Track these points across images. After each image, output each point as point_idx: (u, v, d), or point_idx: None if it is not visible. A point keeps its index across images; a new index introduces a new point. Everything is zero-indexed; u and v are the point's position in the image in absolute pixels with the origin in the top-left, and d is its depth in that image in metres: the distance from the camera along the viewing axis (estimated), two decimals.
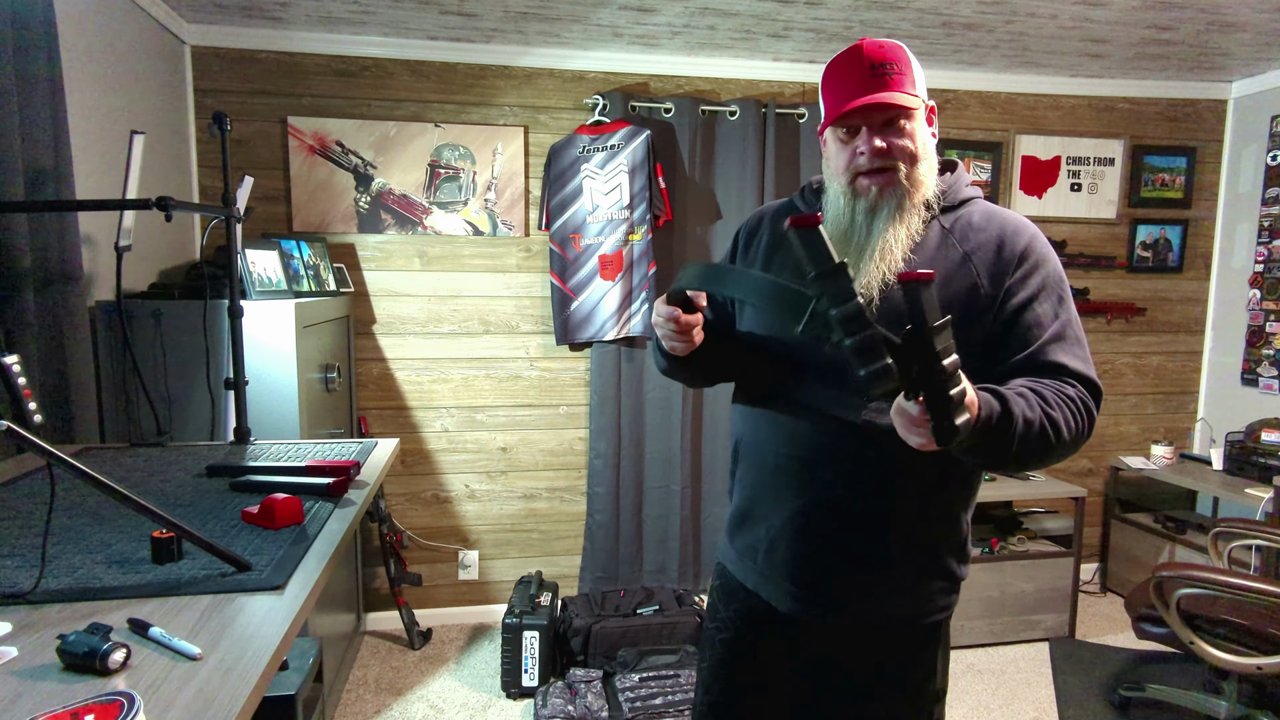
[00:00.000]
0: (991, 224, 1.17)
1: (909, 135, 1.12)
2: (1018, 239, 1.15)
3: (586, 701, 2.46)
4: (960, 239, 1.16)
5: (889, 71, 1.11)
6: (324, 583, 1.03)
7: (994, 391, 0.98)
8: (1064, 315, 1.13)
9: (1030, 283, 1.12)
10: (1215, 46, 2.97)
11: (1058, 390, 1.07)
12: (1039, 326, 1.12)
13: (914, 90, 1.12)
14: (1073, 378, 1.10)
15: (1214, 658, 2.16)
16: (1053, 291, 1.14)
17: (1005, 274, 1.13)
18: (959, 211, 1.19)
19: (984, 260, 1.14)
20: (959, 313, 1.09)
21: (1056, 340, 1.11)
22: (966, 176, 1.24)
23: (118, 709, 0.68)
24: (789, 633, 1.26)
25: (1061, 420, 1.03)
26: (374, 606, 3.17)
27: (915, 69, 1.14)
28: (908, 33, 2.80)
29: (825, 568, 1.21)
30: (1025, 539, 3.19)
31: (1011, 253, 1.14)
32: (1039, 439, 1.00)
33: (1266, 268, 3.39)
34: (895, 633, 1.23)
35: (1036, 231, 1.18)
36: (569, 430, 3.25)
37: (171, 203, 1.57)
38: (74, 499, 1.28)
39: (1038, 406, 1.01)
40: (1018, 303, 1.12)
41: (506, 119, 3.08)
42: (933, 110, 1.16)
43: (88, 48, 2.15)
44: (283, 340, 2.15)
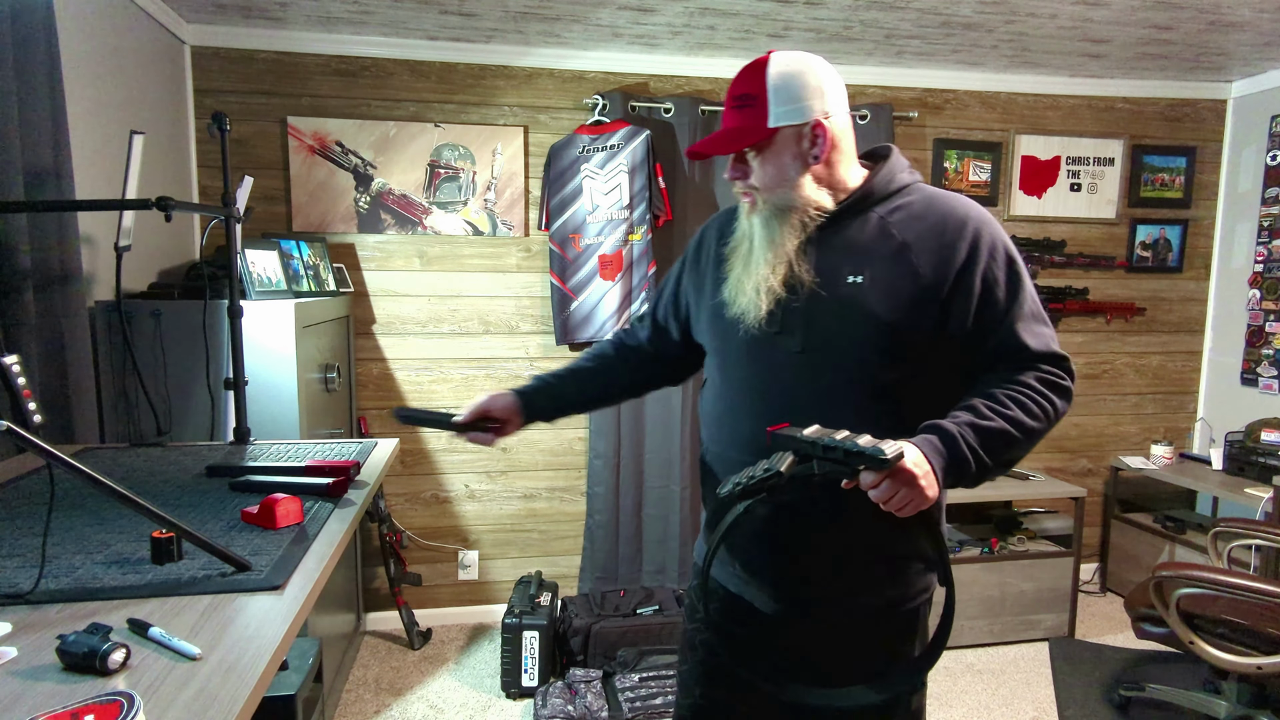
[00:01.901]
0: (932, 210, 1.17)
1: (753, 169, 1.17)
2: (959, 223, 1.15)
3: (586, 701, 2.46)
4: (899, 229, 1.16)
5: (744, 103, 1.15)
6: (324, 583, 1.03)
7: (933, 425, 1.07)
8: (1018, 293, 1.14)
9: (978, 269, 1.13)
10: (1215, 46, 2.97)
11: (1013, 386, 1.11)
12: (994, 311, 1.13)
13: (764, 119, 1.13)
14: (1035, 358, 1.13)
15: (1214, 658, 2.16)
16: (1002, 270, 1.14)
17: (950, 261, 1.13)
18: (897, 200, 1.18)
19: (925, 248, 1.14)
20: (901, 304, 1.12)
21: (1014, 322, 1.13)
22: (902, 163, 1.24)
23: (118, 709, 0.68)
24: (769, 630, 1.27)
25: (1019, 413, 1.09)
26: (374, 606, 3.17)
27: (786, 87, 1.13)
28: (908, 33, 2.81)
29: (799, 566, 1.22)
30: (1025, 539, 3.19)
31: (954, 238, 1.14)
32: (1005, 437, 1.07)
33: (1266, 268, 3.39)
34: (875, 622, 1.24)
35: (979, 212, 1.17)
36: (569, 430, 3.25)
37: (171, 203, 1.57)
38: (74, 499, 1.28)
39: (990, 413, 1.08)
40: (968, 289, 1.12)
41: (506, 119, 3.08)
42: (818, 125, 1.14)
43: (88, 48, 2.15)
44: (282, 340, 2.15)
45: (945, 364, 1.17)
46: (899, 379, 1.15)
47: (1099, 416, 3.68)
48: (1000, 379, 1.13)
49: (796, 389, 1.17)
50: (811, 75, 1.14)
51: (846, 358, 1.14)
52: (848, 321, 1.14)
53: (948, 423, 1.07)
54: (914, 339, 1.13)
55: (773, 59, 1.14)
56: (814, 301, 1.15)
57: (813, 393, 1.15)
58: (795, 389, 1.17)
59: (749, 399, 1.21)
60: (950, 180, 3.41)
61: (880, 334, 1.13)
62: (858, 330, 1.13)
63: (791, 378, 1.17)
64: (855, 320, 1.13)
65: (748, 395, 1.21)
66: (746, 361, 1.21)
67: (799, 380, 1.17)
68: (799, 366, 1.16)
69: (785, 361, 1.17)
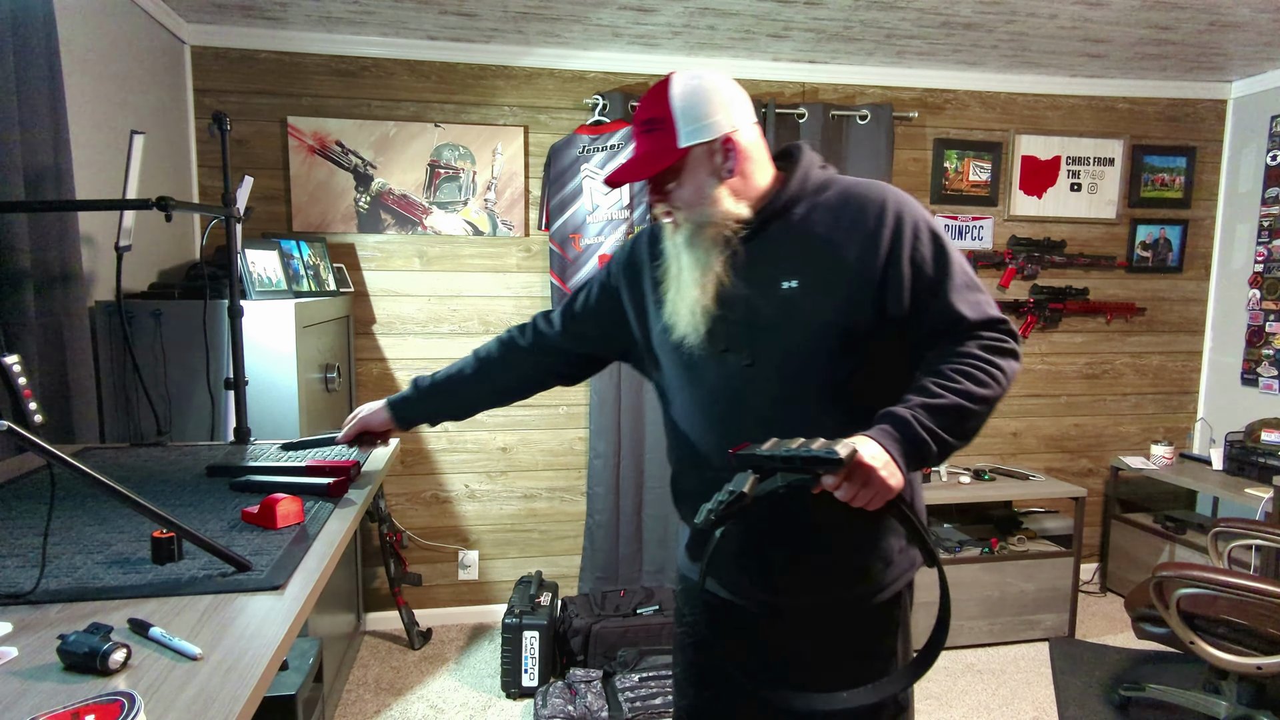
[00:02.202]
0: (850, 202, 1.17)
1: (670, 191, 1.17)
2: (878, 210, 1.15)
3: (586, 701, 2.46)
4: (821, 226, 1.17)
5: (652, 126, 1.16)
6: (324, 583, 1.03)
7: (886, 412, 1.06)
8: (949, 266, 1.14)
9: (905, 248, 1.13)
10: (1215, 46, 2.97)
11: (957, 359, 1.10)
12: (927, 289, 1.13)
13: (673, 141, 1.14)
14: (974, 327, 1.13)
15: (1214, 658, 2.16)
16: (928, 247, 1.14)
17: (877, 248, 1.13)
18: (815, 199, 1.19)
19: (847, 239, 1.15)
20: (839, 300, 1.13)
21: (948, 295, 1.13)
22: (814, 160, 1.24)
23: (118, 709, 0.68)
24: (752, 629, 1.28)
25: (968, 384, 1.07)
26: (374, 606, 3.17)
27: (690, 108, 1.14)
28: (908, 33, 2.81)
29: (772, 567, 1.23)
30: (1025, 539, 3.19)
31: (876, 225, 1.14)
32: (959, 412, 1.06)
33: (1266, 268, 3.39)
34: (855, 613, 1.25)
35: (895, 195, 1.18)
36: (569, 430, 3.25)
37: (171, 203, 1.57)
38: (74, 499, 1.28)
39: (939, 390, 1.07)
40: (901, 273, 1.13)
41: (506, 119, 3.08)
42: (728, 140, 1.15)
43: (88, 48, 2.15)
44: (283, 340, 2.15)
45: (892, 351, 1.18)
46: (850, 374, 1.15)
47: (1099, 416, 3.68)
48: (945, 353, 1.13)
49: (752, 402, 1.17)
50: (715, 92, 1.15)
51: (796, 363, 1.15)
52: (790, 327, 1.15)
53: (900, 408, 1.07)
54: (857, 332, 1.14)
55: (674, 80, 1.15)
56: (754, 313, 1.16)
57: (769, 403, 1.16)
58: (751, 402, 1.17)
59: (707, 418, 1.22)
60: (950, 180, 3.41)
61: (824, 333, 1.13)
62: (802, 334, 1.14)
63: (746, 392, 1.18)
64: (797, 324, 1.14)
65: (706, 414, 1.22)
66: (699, 382, 1.22)
67: (753, 393, 1.17)
68: (751, 380, 1.17)
69: (737, 376, 1.18)
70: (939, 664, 2.94)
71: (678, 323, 1.20)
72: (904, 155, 3.36)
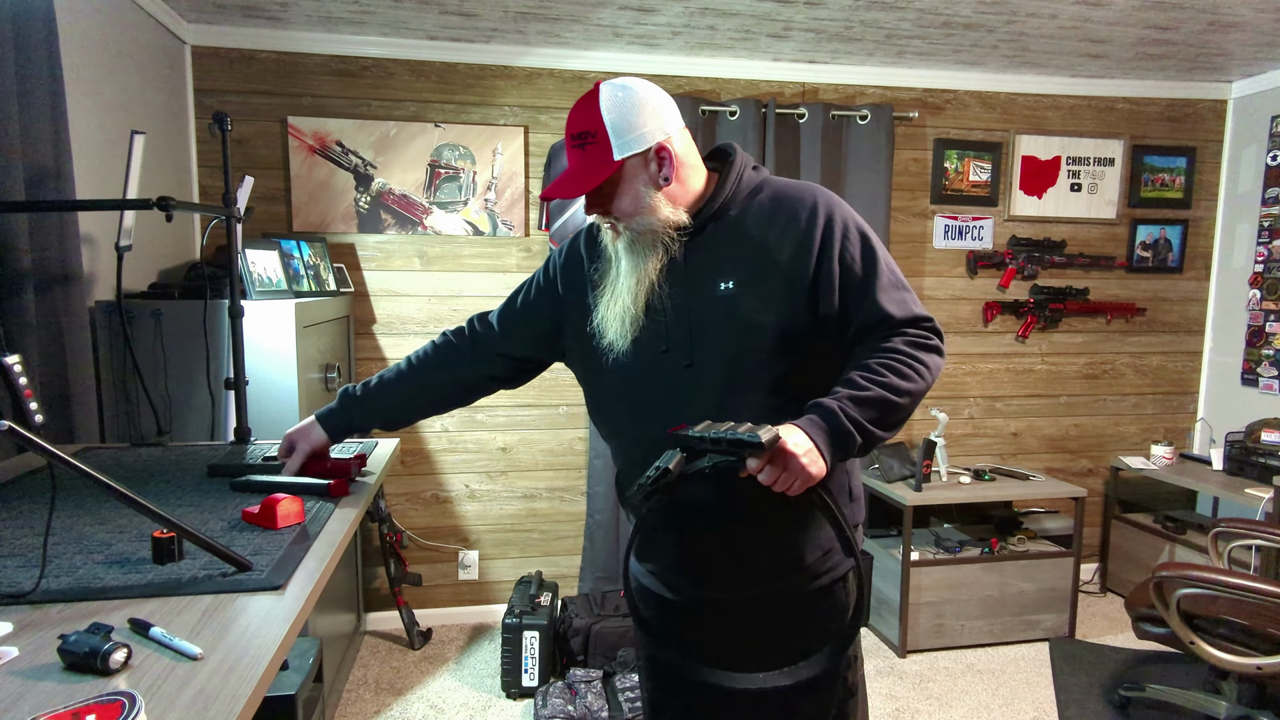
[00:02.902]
0: (781, 204, 1.20)
1: (611, 198, 1.18)
2: (809, 211, 1.18)
3: (586, 701, 2.46)
4: (755, 227, 1.19)
5: (585, 140, 1.16)
6: (324, 583, 1.03)
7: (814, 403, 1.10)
8: (874, 266, 1.18)
9: (834, 248, 1.17)
10: (1215, 46, 2.97)
11: (883, 354, 1.14)
12: (855, 288, 1.17)
13: (609, 153, 1.14)
14: (900, 324, 1.17)
15: (1214, 658, 2.16)
16: (856, 247, 1.18)
17: (808, 249, 1.16)
18: (748, 201, 1.22)
19: (779, 241, 1.17)
20: (774, 301, 1.15)
21: (875, 294, 1.17)
22: (746, 161, 1.26)
23: (119, 709, 0.68)
24: (704, 625, 1.30)
25: (894, 378, 1.12)
26: (374, 606, 3.17)
27: (621, 119, 1.14)
28: (908, 33, 2.81)
29: (715, 566, 1.25)
30: (1025, 539, 3.19)
31: (808, 226, 1.17)
32: (886, 404, 1.10)
33: (1266, 268, 3.39)
34: (793, 601, 1.26)
35: (825, 196, 1.21)
36: (569, 430, 3.25)
37: (171, 203, 1.57)
38: (75, 499, 1.28)
39: (866, 383, 1.11)
40: (830, 272, 1.16)
41: (506, 119, 3.08)
42: (661, 148, 1.17)
43: (88, 48, 2.15)
44: (283, 340, 2.15)
45: (827, 348, 1.20)
46: (787, 371, 1.18)
47: (1099, 416, 3.68)
48: (871, 349, 1.17)
49: (692, 401, 1.18)
50: (644, 101, 1.16)
51: (734, 363, 1.17)
52: (728, 328, 1.17)
53: (827, 399, 1.10)
54: (793, 331, 1.16)
55: (602, 92, 1.15)
56: (691, 314, 1.18)
57: (708, 402, 1.17)
58: (691, 401, 1.18)
59: (648, 419, 1.22)
60: (950, 180, 3.41)
61: (761, 334, 1.16)
62: (739, 335, 1.16)
63: (685, 391, 1.19)
64: (734, 325, 1.16)
65: (646, 415, 1.23)
66: (638, 384, 1.23)
67: (693, 392, 1.19)
68: (690, 380, 1.19)
69: (677, 377, 1.19)
70: (939, 664, 2.95)
71: (607, 328, 1.22)
72: (904, 155, 3.36)
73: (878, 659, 2.99)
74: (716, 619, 1.29)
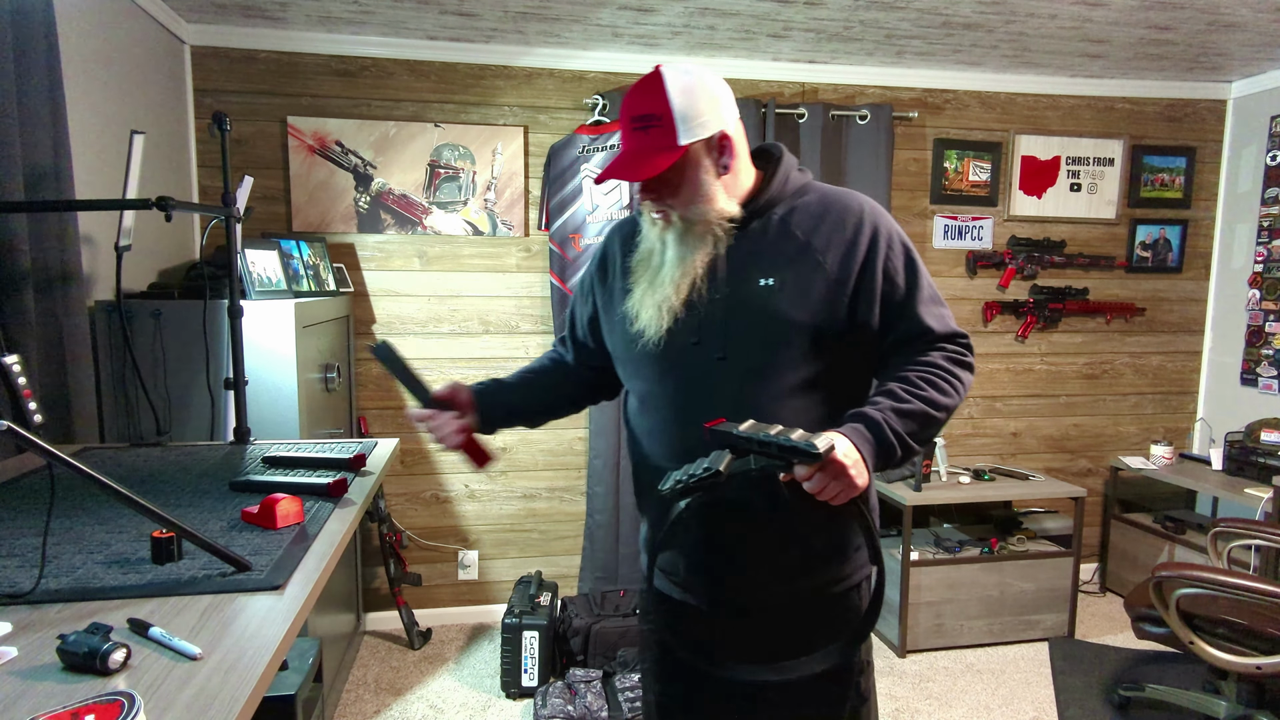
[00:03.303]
0: (827, 208, 1.21)
1: (670, 184, 1.16)
2: (856, 219, 1.19)
3: (586, 701, 2.46)
4: (800, 229, 1.19)
5: (648, 123, 1.14)
6: (324, 583, 1.03)
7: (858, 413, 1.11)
8: (918, 279, 1.20)
9: (879, 259, 1.18)
10: (1215, 46, 2.97)
11: (923, 367, 1.16)
12: (900, 299, 1.19)
13: (673, 139, 1.12)
14: (939, 339, 1.19)
15: (1213, 658, 2.16)
16: (900, 259, 1.20)
17: (852, 257, 1.17)
18: (794, 201, 1.22)
19: (825, 244, 1.18)
20: (814, 303, 1.16)
21: (916, 307, 1.19)
22: (793, 162, 1.26)
23: (118, 709, 0.68)
24: (712, 627, 1.29)
25: (933, 392, 1.14)
26: (374, 606, 3.17)
27: (687, 104, 1.12)
28: (907, 33, 2.81)
29: (745, 567, 1.24)
30: (1025, 539, 3.19)
31: (854, 233, 1.18)
32: (925, 417, 1.12)
33: (1266, 268, 3.39)
34: (812, 608, 1.26)
35: (872, 206, 1.22)
36: (569, 430, 3.25)
37: (171, 203, 1.57)
38: (74, 499, 1.28)
39: (907, 395, 1.12)
40: (874, 282, 1.17)
41: (506, 119, 3.08)
42: (724, 136, 1.16)
43: (88, 48, 2.15)
44: (282, 340, 2.15)
45: (858, 354, 1.21)
46: (818, 374, 1.18)
47: (1099, 416, 3.68)
48: (909, 361, 1.18)
49: (721, 395, 1.18)
50: (708, 87, 1.15)
51: (766, 360, 1.17)
52: (764, 325, 1.16)
53: (872, 410, 1.10)
54: (829, 335, 1.17)
55: (667, 76, 1.13)
56: (729, 308, 1.17)
57: (737, 397, 1.17)
58: (720, 395, 1.18)
59: (676, 410, 1.22)
60: (950, 180, 3.41)
61: (797, 334, 1.16)
62: (775, 332, 1.16)
63: (715, 385, 1.18)
64: (772, 323, 1.16)
65: (674, 407, 1.22)
66: (668, 374, 1.22)
67: (723, 386, 1.18)
68: (722, 373, 1.18)
69: (708, 369, 1.18)
70: (939, 664, 2.95)
71: (640, 315, 1.21)
72: (904, 155, 3.36)
73: (878, 659, 2.99)
74: (733, 621, 1.28)
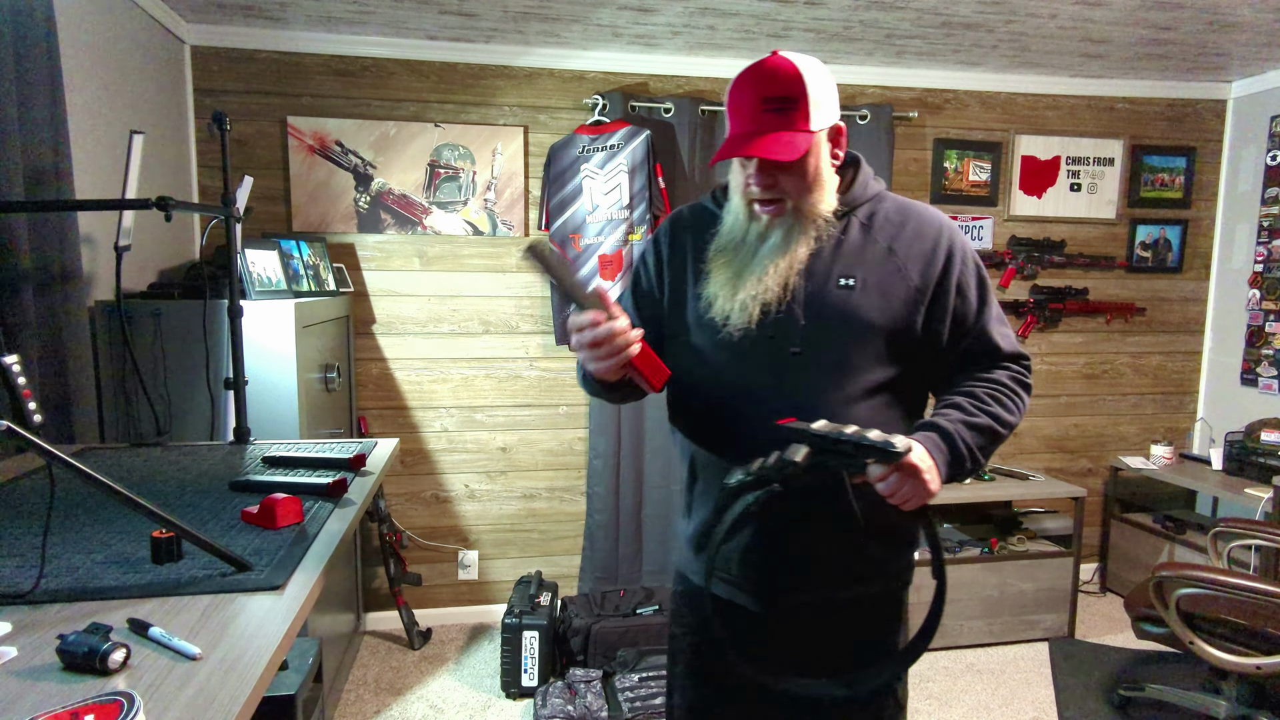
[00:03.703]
0: (908, 217, 1.22)
1: (797, 170, 1.13)
2: (935, 231, 1.21)
3: (586, 701, 2.46)
4: (879, 233, 1.20)
5: (783, 106, 1.09)
6: (324, 583, 1.03)
7: (930, 423, 1.13)
8: (988, 297, 1.23)
9: (954, 274, 1.20)
10: (1215, 46, 2.97)
11: (990, 384, 1.19)
12: (971, 315, 1.21)
13: (807, 123, 1.10)
14: (1005, 359, 1.23)
15: (1213, 658, 2.16)
16: (973, 276, 1.22)
17: (931, 267, 1.19)
18: (872, 206, 1.23)
19: (907, 254, 1.19)
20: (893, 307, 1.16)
21: (986, 324, 1.22)
22: (869, 170, 1.27)
23: (118, 709, 0.68)
24: (760, 629, 1.27)
25: (999, 409, 1.17)
26: (374, 606, 3.17)
27: (817, 90, 1.11)
28: (907, 32, 2.81)
29: (803, 567, 1.23)
30: (1025, 539, 3.19)
31: (933, 245, 1.20)
32: (991, 433, 1.15)
33: (1266, 268, 3.39)
34: (861, 611, 1.26)
35: (948, 221, 1.24)
36: (569, 430, 3.25)
37: (171, 203, 1.57)
38: (74, 499, 1.28)
39: (975, 409, 1.15)
40: (948, 295, 1.19)
41: (506, 119, 3.08)
42: (839, 130, 1.16)
43: (88, 48, 2.15)
44: (282, 340, 2.15)
45: (925, 363, 1.22)
46: (888, 380, 1.18)
47: (1099, 416, 3.68)
48: (975, 378, 1.20)
49: (794, 389, 1.17)
50: (828, 77, 1.15)
51: (841, 359, 1.16)
52: (842, 324, 1.16)
53: (944, 422, 1.11)
54: (902, 341, 1.17)
55: (797, 60, 1.11)
56: (808, 304, 1.17)
57: (808, 393, 1.16)
58: (792, 389, 1.17)
59: (744, 401, 1.20)
60: (950, 180, 3.41)
61: (874, 336, 1.16)
62: (852, 333, 1.16)
63: (788, 379, 1.17)
64: (850, 323, 1.16)
65: (742, 397, 1.20)
66: (741, 363, 1.20)
67: (796, 381, 1.17)
68: (796, 368, 1.17)
69: (782, 363, 1.17)
70: (939, 664, 2.94)
71: (726, 304, 1.18)
72: (904, 155, 3.36)
73: None
74: (780, 623, 1.26)
